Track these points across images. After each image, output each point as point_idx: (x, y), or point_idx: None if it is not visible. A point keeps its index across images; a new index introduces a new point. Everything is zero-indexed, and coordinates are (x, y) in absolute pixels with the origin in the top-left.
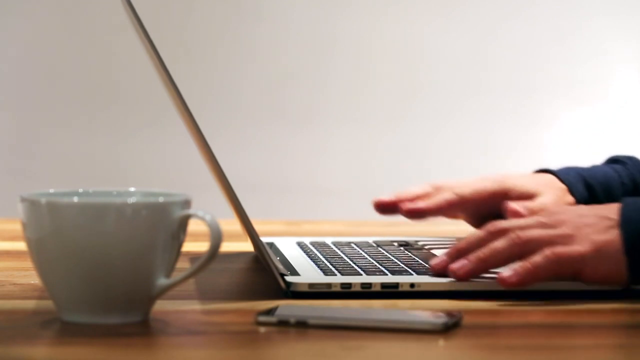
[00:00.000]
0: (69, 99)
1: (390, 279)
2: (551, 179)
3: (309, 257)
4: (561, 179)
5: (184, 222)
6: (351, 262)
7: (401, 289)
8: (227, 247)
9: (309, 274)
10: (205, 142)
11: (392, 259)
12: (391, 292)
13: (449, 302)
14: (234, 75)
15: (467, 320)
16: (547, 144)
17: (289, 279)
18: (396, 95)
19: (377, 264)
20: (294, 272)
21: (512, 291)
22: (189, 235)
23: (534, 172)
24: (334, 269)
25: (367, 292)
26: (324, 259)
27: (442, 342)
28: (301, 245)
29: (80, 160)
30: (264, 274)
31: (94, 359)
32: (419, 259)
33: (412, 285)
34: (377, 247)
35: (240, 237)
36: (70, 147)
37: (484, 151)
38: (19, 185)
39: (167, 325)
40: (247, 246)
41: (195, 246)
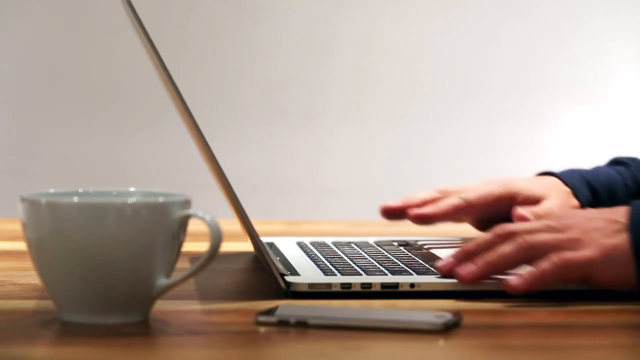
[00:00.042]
0: (69, 99)
1: (390, 279)
2: (555, 182)
3: (309, 257)
4: (565, 182)
5: (184, 222)
6: (351, 262)
7: (401, 289)
8: (227, 247)
9: (309, 274)
10: (205, 142)
11: (392, 259)
12: (391, 292)
13: (449, 302)
14: (234, 75)
15: (467, 320)
16: (547, 144)
17: (289, 279)
18: (396, 95)
19: (377, 264)
20: (294, 272)
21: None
22: (189, 235)
23: (537, 175)
24: (334, 269)
25: (367, 292)
26: (324, 259)
27: (442, 342)
28: (301, 245)
29: (80, 160)
30: (264, 274)
31: (94, 359)
32: (419, 259)
33: (412, 285)
34: (377, 247)
35: (240, 237)
36: (70, 147)
37: (484, 151)
38: (19, 185)
39: (167, 325)
40: (247, 246)
41: (195, 246)
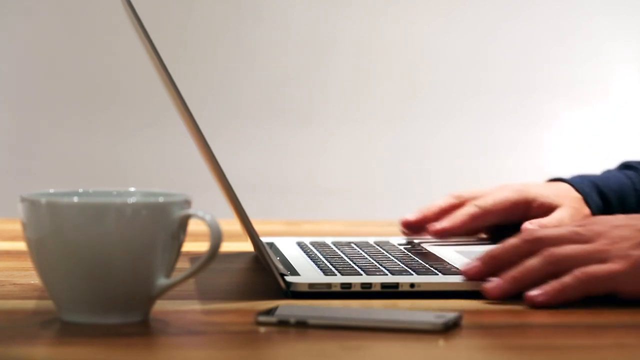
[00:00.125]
0: (69, 99)
1: (390, 279)
2: (567, 188)
3: (309, 257)
4: (576, 188)
5: (184, 222)
6: (351, 262)
7: (401, 289)
8: (227, 247)
9: (309, 274)
10: (205, 142)
11: (392, 259)
12: (391, 292)
13: (449, 302)
14: (234, 75)
15: (467, 320)
16: (547, 144)
17: (289, 279)
18: (396, 95)
19: (377, 264)
20: (294, 272)
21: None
22: (189, 235)
23: (547, 181)
24: (334, 269)
25: (367, 292)
26: (324, 259)
27: (442, 342)
28: (301, 245)
29: (80, 160)
30: (264, 274)
31: (94, 359)
32: (419, 259)
33: (412, 285)
34: (377, 247)
35: (240, 237)
36: (70, 147)
37: (484, 151)
38: (19, 185)
39: (167, 325)
40: (247, 246)
41: (195, 246)
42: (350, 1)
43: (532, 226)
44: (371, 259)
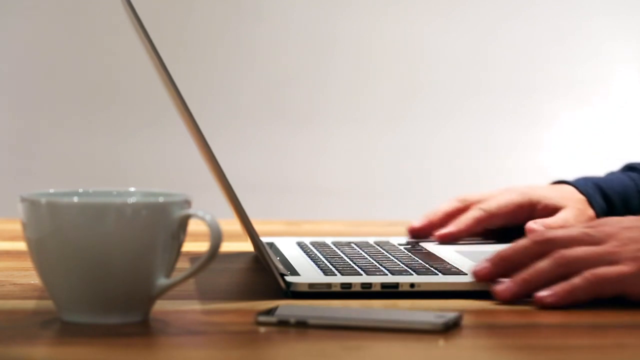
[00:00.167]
0: (69, 99)
1: (390, 279)
2: (571, 190)
3: (309, 257)
4: (580, 190)
5: (184, 222)
6: (351, 262)
7: (401, 289)
8: (227, 247)
9: (309, 274)
10: (205, 142)
11: (392, 259)
12: (391, 292)
13: (449, 302)
14: (234, 75)
15: (467, 320)
16: (547, 144)
17: (289, 279)
18: (396, 95)
19: (377, 264)
20: (294, 272)
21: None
22: (189, 235)
23: (551, 184)
24: (334, 269)
25: (367, 292)
26: (324, 259)
27: (442, 342)
28: (301, 245)
29: (80, 160)
30: (264, 274)
31: (94, 359)
32: (419, 259)
33: (412, 285)
34: (377, 247)
35: (240, 237)
36: (70, 147)
37: (484, 151)
38: (19, 185)
39: (167, 325)
40: (247, 246)
41: (195, 246)
42: (350, 1)
43: (536, 225)
44: (371, 259)
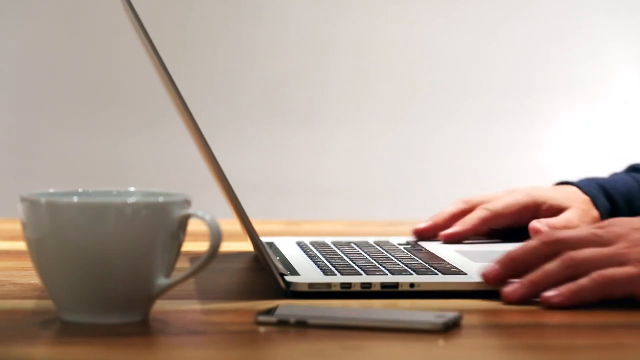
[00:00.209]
0: (69, 99)
1: (390, 279)
2: (575, 191)
3: (309, 257)
4: (584, 191)
5: (184, 222)
6: (351, 262)
7: (401, 289)
8: (227, 247)
9: (309, 274)
10: (205, 142)
11: (392, 259)
12: (391, 292)
13: (449, 302)
14: (234, 75)
15: (467, 320)
16: (547, 144)
17: (289, 279)
18: (396, 95)
19: (377, 264)
20: (294, 272)
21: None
22: (189, 235)
23: (555, 185)
24: (334, 269)
25: (367, 292)
26: (324, 259)
27: (442, 342)
28: (301, 245)
29: (80, 160)
30: (264, 274)
31: (94, 359)
32: (419, 259)
33: (412, 285)
34: (377, 247)
35: (240, 237)
36: (70, 147)
37: (484, 151)
38: (19, 185)
39: (167, 325)
40: (247, 246)
41: (195, 246)
42: (350, 1)
43: (540, 225)
44: (371, 259)
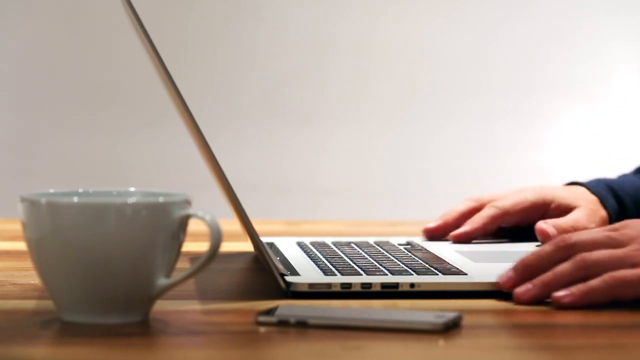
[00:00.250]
0: (69, 99)
1: (390, 279)
2: (583, 191)
3: (309, 257)
4: (592, 191)
5: (184, 222)
6: (351, 262)
7: (401, 289)
8: (227, 247)
9: (309, 274)
10: (205, 142)
11: (392, 259)
12: (391, 292)
13: (449, 302)
14: (234, 75)
15: (467, 320)
16: (547, 144)
17: (289, 279)
18: (396, 95)
19: (377, 264)
20: (294, 272)
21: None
22: (189, 235)
23: (564, 185)
24: (334, 269)
25: (367, 292)
26: (324, 259)
27: (442, 342)
28: (301, 245)
29: (80, 160)
30: (264, 274)
31: (94, 359)
32: (419, 259)
33: (412, 285)
34: (377, 247)
35: (240, 237)
36: (70, 147)
37: (484, 151)
38: (19, 185)
39: (167, 325)
40: (247, 246)
41: (195, 246)
42: (350, 1)
43: (546, 225)
44: (371, 259)
